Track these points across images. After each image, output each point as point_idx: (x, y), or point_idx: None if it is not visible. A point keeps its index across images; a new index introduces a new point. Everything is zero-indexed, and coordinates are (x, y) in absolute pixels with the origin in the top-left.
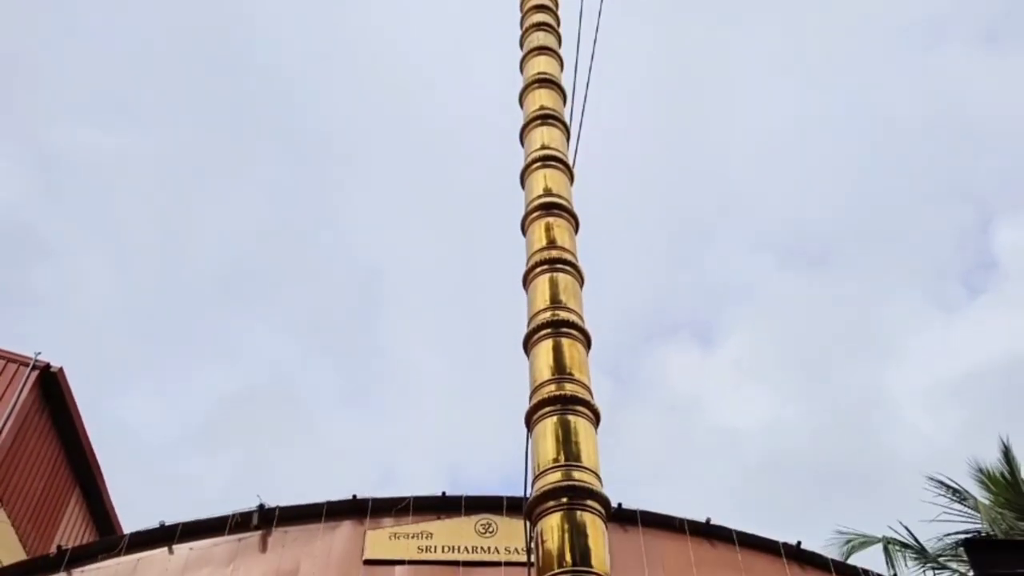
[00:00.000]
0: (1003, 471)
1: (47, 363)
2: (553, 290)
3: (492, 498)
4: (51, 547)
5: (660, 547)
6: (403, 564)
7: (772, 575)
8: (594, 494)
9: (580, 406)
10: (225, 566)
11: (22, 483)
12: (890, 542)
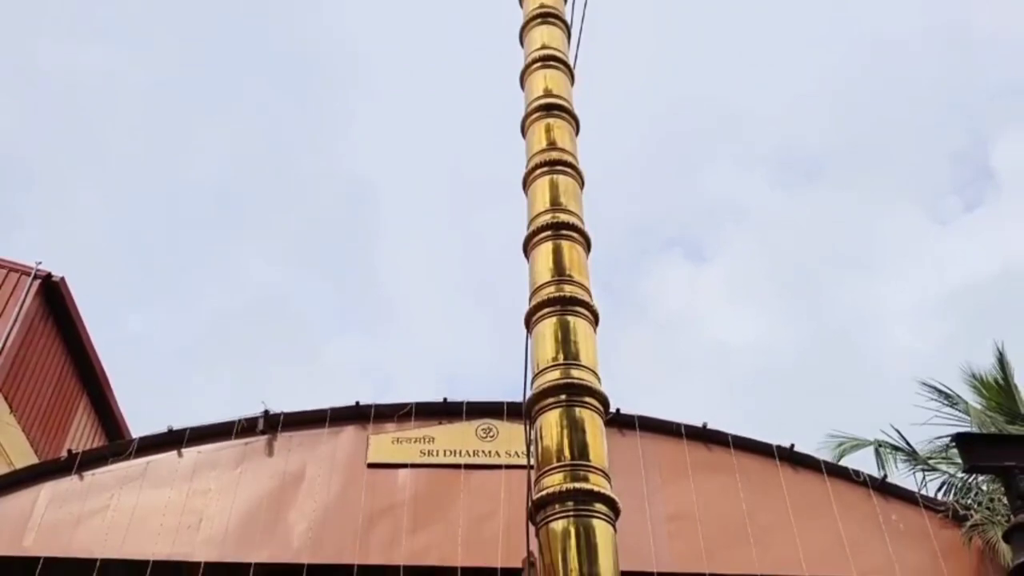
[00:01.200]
0: (996, 376)
1: (48, 272)
2: (553, 192)
3: (493, 404)
4: (61, 452)
5: (657, 450)
6: (406, 467)
7: (766, 476)
8: (592, 391)
9: (579, 307)
10: (233, 469)
11: (30, 390)
12: (881, 445)
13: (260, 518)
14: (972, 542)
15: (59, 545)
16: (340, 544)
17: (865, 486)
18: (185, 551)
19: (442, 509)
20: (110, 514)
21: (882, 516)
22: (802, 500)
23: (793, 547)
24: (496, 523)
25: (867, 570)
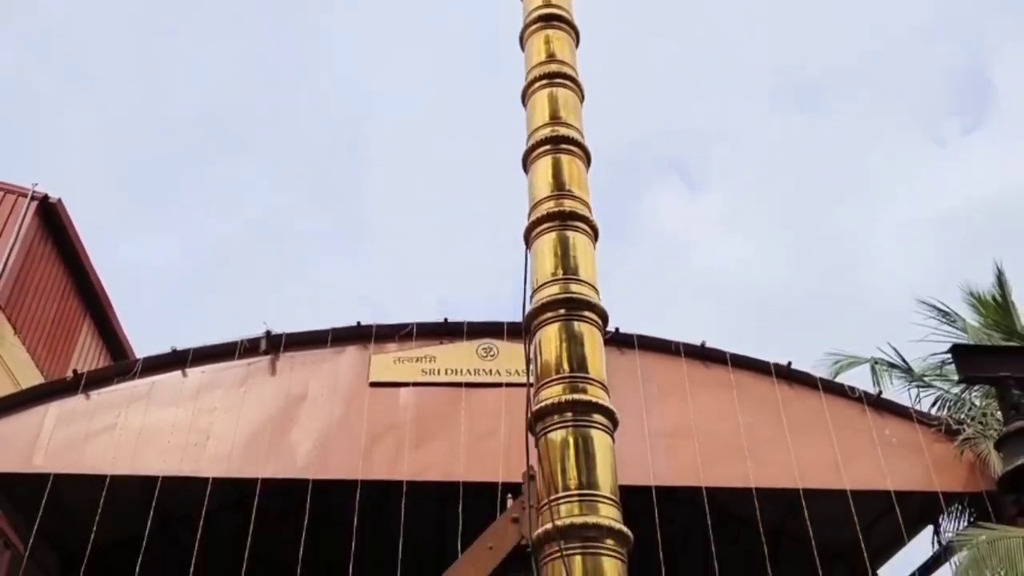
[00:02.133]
0: (994, 294)
1: (45, 194)
2: (553, 105)
3: (493, 324)
4: (67, 372)
5: (656, 368)
6: (407, 386)
7: (762, 393)
8: (591, 306)
9: (579, 222)
10: (237, 388)
11: (33, 311)
12: (877, 362)
13: (265, 436)
14: (964, 455)
15: (68, 462)
16: (344, 461)
17: (860, 402)
18: (193, 467)
19: (444, 427)
20: (118, 432)
21: (876, 431)
22: (798, 416)
23: (788, 461)
24: (497, 440)
25: (860, 482)
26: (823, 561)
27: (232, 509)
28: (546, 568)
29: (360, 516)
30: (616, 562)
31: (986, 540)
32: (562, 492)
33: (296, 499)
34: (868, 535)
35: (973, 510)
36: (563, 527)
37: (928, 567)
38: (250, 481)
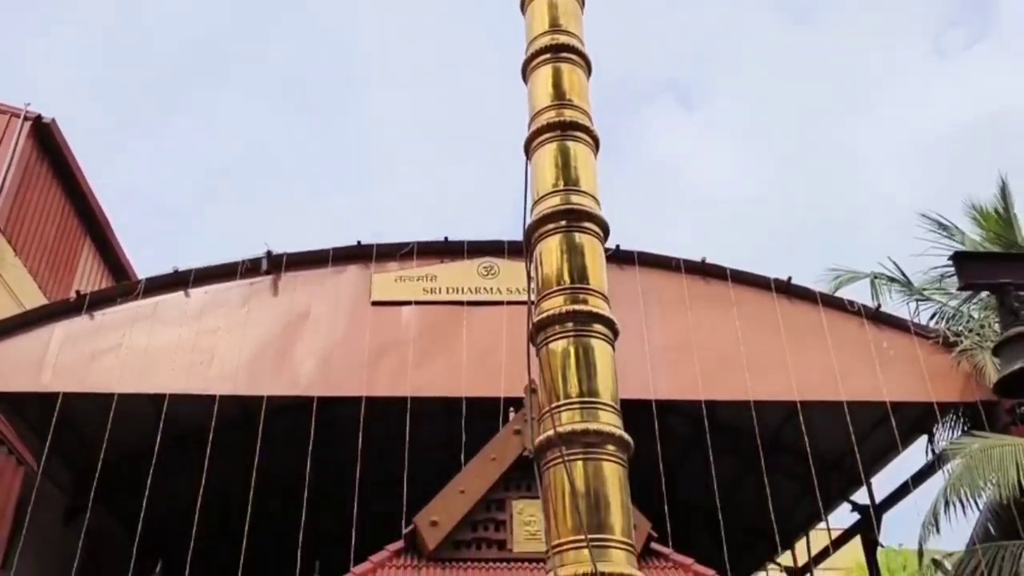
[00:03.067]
0: (997, 206)
1: (38, 114)
2: (552, 13)
3: (494, 242)
4: (70, 293)
5: (656, 285)
6: (409, 305)
7: (762, 308)
8: (592, 217)
9: (580, 132)
10: (240, 308)
11: (32, 233)
12: (877, 276)
13: (269, 355)
14: (960, 366)
15: (76, 381)
16: (348, 378)
17: (859, 315)
18: (200, 385)
19: (446, 344)
20: (123, 352)
21: (874, 344)
22: (796, 330)
23: (786, 374)
24: (498, 357)
25: (856, 394)
26: (818, 470)
27: (239, 425)
28: (548, 474)
29: (366, 432)
30: (617, 467)
31: (979, 448)
32: (563, 400)
33: (302, 416)
34: (863, 445)
35: (967, 420)
36: (564, 433)
37: (921, 475)
38: (256, 398)
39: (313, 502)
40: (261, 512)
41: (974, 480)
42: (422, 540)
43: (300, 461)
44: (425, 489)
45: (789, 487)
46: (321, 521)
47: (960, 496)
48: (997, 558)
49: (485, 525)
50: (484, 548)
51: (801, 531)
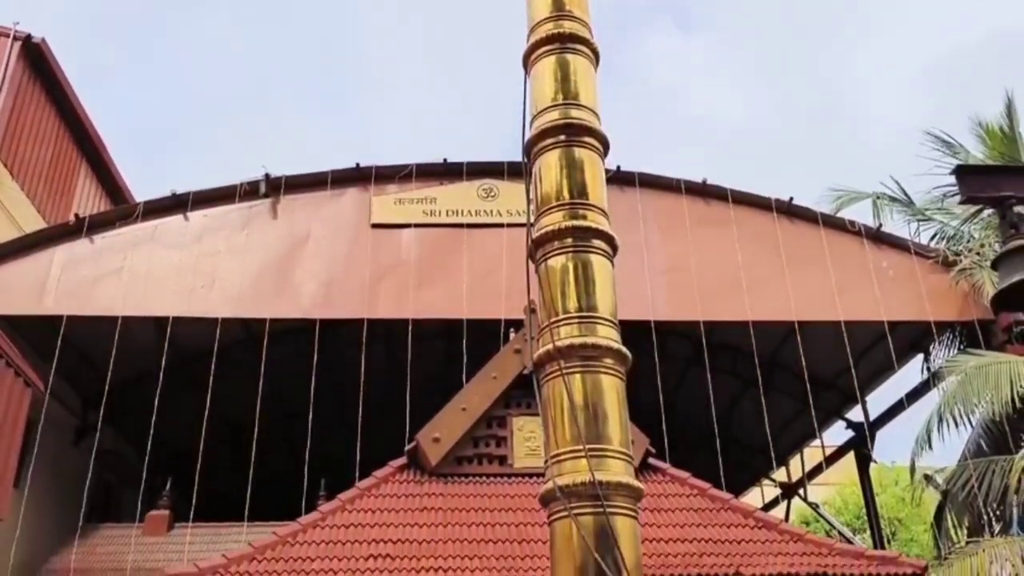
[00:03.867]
0: (1002, 124)
1: (28, 33)
2: None
3: (493, 163)
4: (68, 217)
5: (657, 206)
6: (409, 227)
7: (762, 229)
8: (592, 131)
9: (579, 44)
10: (239, 231)
11: (28, 156)
12: (879, 197)
13: (270, 278)
14: (958, 285)
15: (79, 304)
16: (349, 301)
17: (859, 235)
18: (202, 309)
19: (446, 267)
20: (125, 275)
21: (873, 264)
22: (796, 251)
23: (785, 295)
24: (499, 279)
25: (854, 314)
26: (815, 389)
27: (243, 348)
28: (547, 387)
29: (368, 354)
30: (615, 379)
31: (975, 366)
32: (562, 315)
33: (305, 339)
34: (859, 364)
35: (963, 339)
36: (563, 347)
37: (915, 393)
38: (259, 321)
39: (318, 422)
40: (268, 432)
41: (968, 397)
42: (424, 456)
43: (305, 383)
44: (427, 409)
45: (785, 406)
46: (327, 441)
47: (953, 413)
48: (988, 472)
49: (486, 441)
50: (485, 463)
51: (796, 449)
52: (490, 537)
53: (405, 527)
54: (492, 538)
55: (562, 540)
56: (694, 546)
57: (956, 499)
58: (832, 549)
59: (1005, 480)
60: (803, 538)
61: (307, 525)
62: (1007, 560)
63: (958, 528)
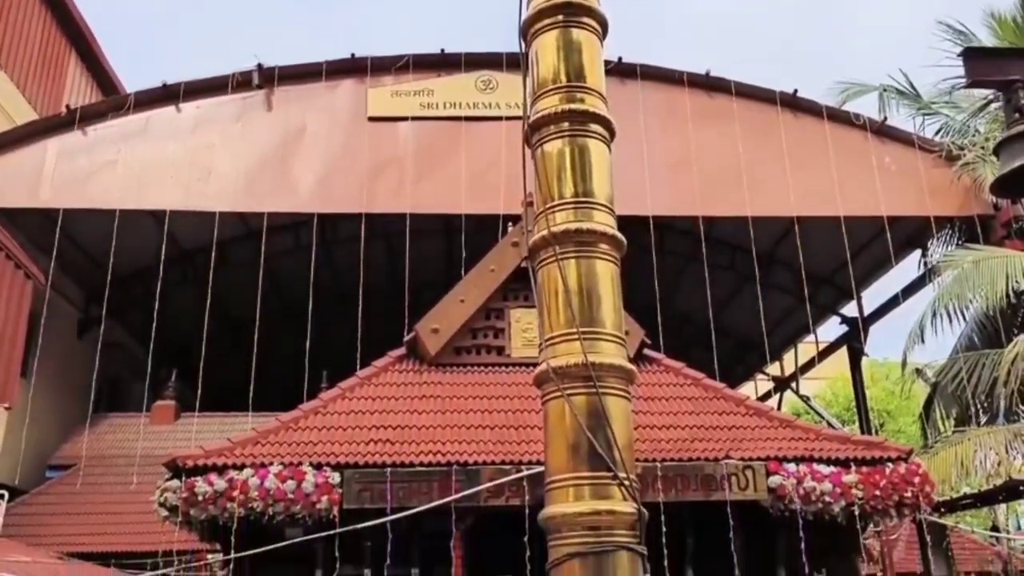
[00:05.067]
0: (1016, 15)
1: None
2: None
3: (491, 54)
4: (60, 108)
5: (658, 99)
6: (406, 120)
7: (766, 123)
8: (591, 11)
9: None
10: (233, 123)
11: (16, 46)
12: (886, 89)
13: (267, 171)
14: (960, 180)
15: (75, 197)
16: (347, 195)
17: (864, 129)
18: (199, 203)
19: (444, 160)
20: (120, 168)
21: (876, 158)
22: (799, 145)
23: (785, 190)
24: (497, 172)
25: (854, 209)
26: (811, 285)
27: (244, 242)
28: (541, 273)
29: (367, 249)
30: (609, 265)
31: (972, 260)
32: (558, 201)
33: (305, 234)
34: (856, 260)
35: (963, 234)
36: (558, 233)
37: (911, 288)
38: (257, 215)
39: (320, 316)
40: (271, 325)
41: (963, 291)
42: (423, 346)
43: (305, 277)
44: (427, 305)
45: (781, 301)
46: (329, 334)
47: (948, 307)
48: (978, 365)
49: (484, 333)
50: (483, 354)
51: (790, 344)
52: (487, 423)
53: (404, 414)
54: (489, 424)
55: (555, 420)
56: (686, 432)
57: (945, 391)
58: (820, 434)
59: (995, 373)
60: (792, 424)
61: (308, 412)
62: (991, 449)
63: (946, 419)
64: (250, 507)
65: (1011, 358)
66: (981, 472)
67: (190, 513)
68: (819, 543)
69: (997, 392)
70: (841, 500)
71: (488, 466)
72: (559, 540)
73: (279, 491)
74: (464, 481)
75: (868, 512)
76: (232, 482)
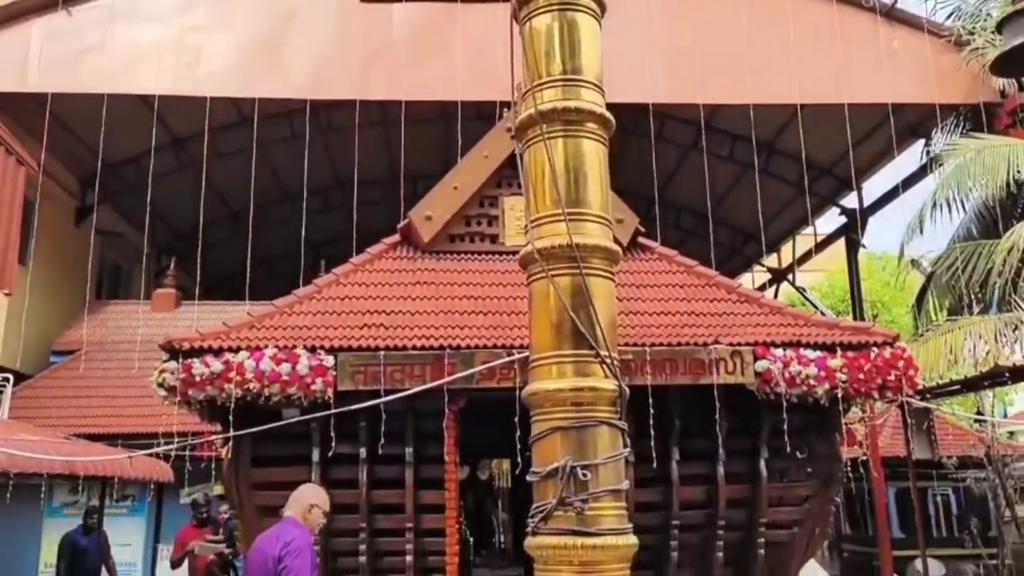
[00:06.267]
0: None
1: None
2: None
3: None
4: None
5: None
6: (401, 2)
7: (771, 7)
8: None
9: None
10: (222, 3)
11: None
12: None
13: (258, 56)
14: (968, 66)
15: (63, 81)
16: (340, 81)
17: (872, 12)
18: (190, 87)
19: (440, 46)
20: (108, 51)
21: (884, 43)
22: (805, 29)
23: (789, 77)
24: (494, 58)
25: (859, 96)
26: (811, 175)
27: (237, 129)
28: (528, 153)
29: (363, 137)
30: (597, 144)
31: (974, 149)
32: (545, 78)
33: (300, 121)
34: (857, 150)
35: (967, 123)
36: (545, 111)
37: (912, 179)
38: (250, 102)
39: (317, 205)
40: (268, 214)
41: (963, 180)
42: (417, 233)
43: (301, 165)
44: (423, 193)
45: (781, 192)
46: (327, 223)
47: (948, 197)
48: (974, 255)
49: (478, 220)
50: (477, 241)
51: (788, 236)
52: (480, 309)
53: (397, 299)
54: (482, 310)
55: (539, 300)
56: (677, 319)
57: (940, 281)
58: (809, 321)
59: (990, 263)
60: (782, 311)
61: (303, 297)
62: (981, 337)
63: (938, 310)
64: (247, 388)
65: (1007, 247)
66: (970, 360)
67: (188, 394)
68: (801, 424)
69: (991, 282)
70: (825, 383)
71: (481, 350)
72: (542, 415)
73: (274, 373)
74: (457, 364)
75: (851, 395)
76: (228, 364)
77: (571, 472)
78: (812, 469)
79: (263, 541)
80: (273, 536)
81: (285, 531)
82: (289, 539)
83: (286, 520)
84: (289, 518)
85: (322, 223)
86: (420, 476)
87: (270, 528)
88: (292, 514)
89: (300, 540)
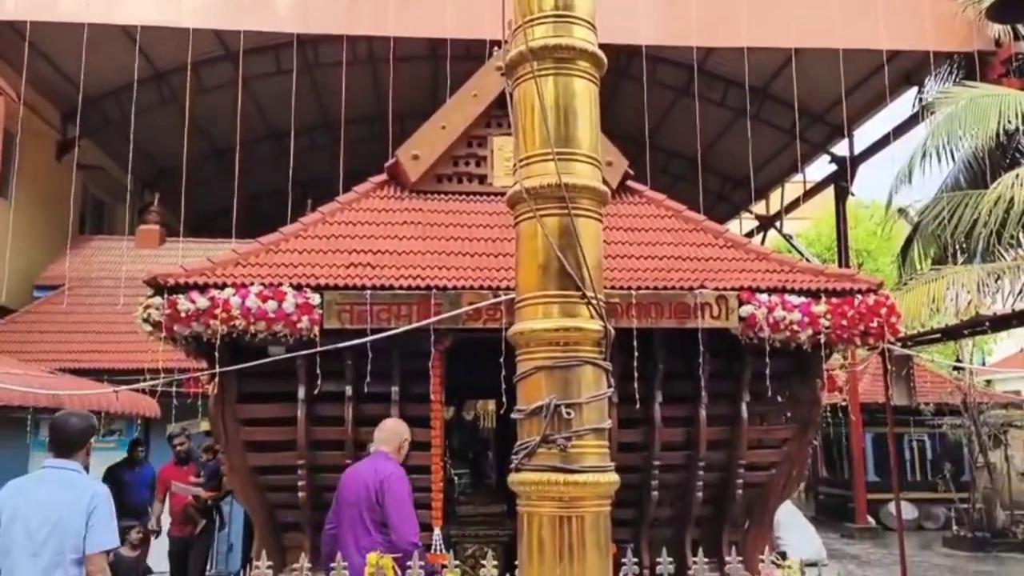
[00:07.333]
0: None
1: None
2: None
3: None
4: None
5: None
6: None
7: None
8: None
9: None
10: None
11: None
12: None
13: None
14: (964, 13)
15: (42, 10)
16: (327, 15)
17: None
18: (173, 18)
19: None
20: None
21: None
22: None
23: (784, 20)
24: None
25: (853, 42)
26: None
27: (221, 63)
28: (518, 91)
29: (351, 75)
30: (588, 84)
31: (967, 98)
32: (536, 14)
33: (286, 57)
34: (850, 97)
35: (960, 71)
36: (535, 48)
37: (903, 128)
38: (233, 34)
39: (305, 143)
40: (256, 152)
41: (953, 129)
42: (404, 173)
43: (287, 102)
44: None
45: (772, 138)
46: (314, 162)
47: (938, 147)
48: (960, 205)
49: (466, 160)
50: (465, 182)
51: (777, 183)
52: (467, 250)
53: (384, 239)
54: (469, 251)
55: (527, 240)
56: (663, 263)
57: (926, 231)
58: (794, 267)
59: (976, 213)
60: (768, 257)
61: (289, 235)
62: (963, 287)
63: (923, 259)
64: (233, 325)
65: (994, 198)
66: (952, 309)
67: (174, 329)
68: (783, 368)
69: (977, 232)
70: (809, 329)
71: (467, 290)
72: (527, 354)
73: (260, 310)
74: (444, 304)
75: (834, 341)
76: (214, 301)
77: (555, 410)
78: (792, 413)
79: (358, 471)
80: (371, 468)
81: (382, 463)
82: (388, 471)
83: (378, 453)
84: (381, 452)
85: (311, 161)
86: (406, 414)
87: (362, 461)
88: (386, 448)
89: (398, 471)
